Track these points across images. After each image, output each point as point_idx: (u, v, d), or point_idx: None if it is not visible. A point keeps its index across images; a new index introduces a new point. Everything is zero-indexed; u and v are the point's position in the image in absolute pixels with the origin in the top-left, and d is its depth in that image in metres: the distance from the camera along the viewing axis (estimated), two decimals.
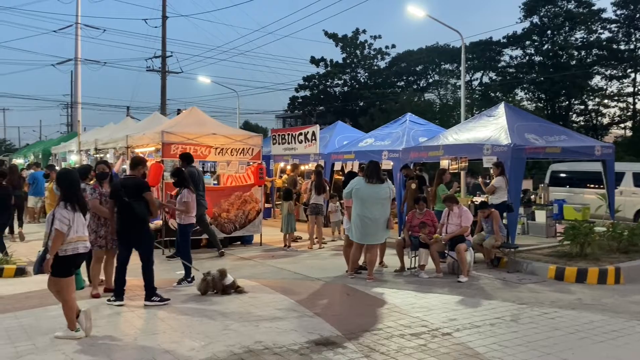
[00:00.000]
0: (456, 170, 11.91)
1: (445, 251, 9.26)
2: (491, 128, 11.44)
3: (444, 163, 11.80)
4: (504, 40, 37.95)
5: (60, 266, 5.53)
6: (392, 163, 13.31)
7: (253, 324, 6.16)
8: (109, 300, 7.02)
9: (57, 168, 16.55)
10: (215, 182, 14.59)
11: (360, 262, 9.08)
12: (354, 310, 6.98)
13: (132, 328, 6.03)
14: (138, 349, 5.34)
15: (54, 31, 71.17)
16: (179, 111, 31.30)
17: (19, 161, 25.72)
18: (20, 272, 8.78)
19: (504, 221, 10.18)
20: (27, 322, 6.15)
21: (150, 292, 7.05)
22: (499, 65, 39.38)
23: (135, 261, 7.17)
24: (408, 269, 9.34)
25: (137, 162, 7.51)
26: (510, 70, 38.58)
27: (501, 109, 12.11)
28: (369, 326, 6.15)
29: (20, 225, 13.97)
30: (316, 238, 12.06)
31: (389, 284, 8.48)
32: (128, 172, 7.60)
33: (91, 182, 7.81)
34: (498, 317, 6.50)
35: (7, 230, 11.72)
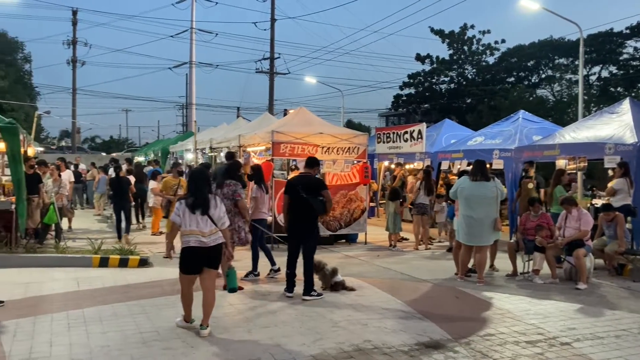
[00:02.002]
0: (574, 171, 11.24)
1: (562, 256, 8.77)
2: (614, 126, 10.67)
3: (561, 163, 11.17)
4: (627, 32, 35.25)
5: (180, 258, 5.84)
6: (503, 162, 12.80)
7: (361, 323, 6.18)
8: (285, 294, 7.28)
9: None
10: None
11: (470, 264, 8.83)
12: (464, 313, 6.80)
13: (245, 320, 6.25)
14: (252, 342, 5.53)
15: (171, 36, 75.71)
16: (285, 111, 32.14)
17: (140, 159, 27.56)
18: (143, 262, 9.39)
19: (628, 226, 9.46)
20: (151, 310, 6.57)
21: (310, 286, 7.31)
22: (621, 58, 36.64)
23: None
24: (521, 273, 8.95)
25: (314, 162, 7.82)
26: (634, 63, 35.77)
27: (625, 105, 11.26)
28: (480, 331, 5.97)
29: (143, 217, 15.01)
30: (422, 240, 11.88)
31: (501, 288, 8.17)
32: (303, 170, 7.86)
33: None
34: (624, 329, 6.05)
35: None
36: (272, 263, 8.60)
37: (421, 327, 6.06)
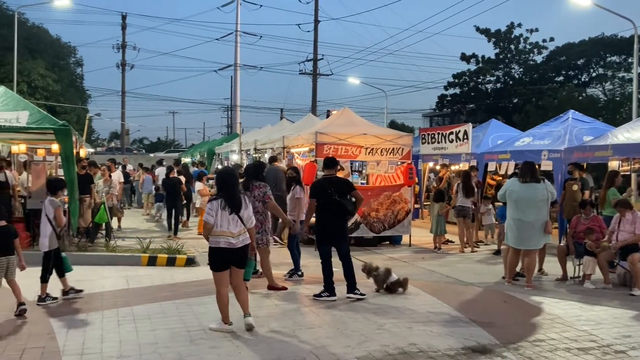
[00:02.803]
0: (628, 172, 10.84)
1: (615, 261, 8.47)
2: None
3: (614, 164, 10.80)
4: None
5: (209, 258, 5.92)
6: (552, 164, 12.46)
7: (406, 326, 6.12)
8: (317, 295, 7.25)
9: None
10: (364, 181, 14.75)
11: (518, 268, 8.63)
12: (512, 318, 6.65)
13: (290, 321, 6.28)
14: (296, 342, 5.55)
15: (216, 39, 76.89)
16: (328, 112, 32.20)
17: (186, 160, 28.10)
18: (190, 261, 9.56)
19: None
20: (197, 309, 6.67)
21: (353, 285, 7.32)
22: None
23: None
24: (571, 277, 8.70)
25: (334, 162, 7.87)
26: None
27: None
28: (529, 336, 5.82)
29: (188, 217, 15.32)
30: (466, 242, 11.68)
31: (550, 292, 7.96)
32: (324, 172, 7.87)
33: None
34: None
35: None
36: (298, 268, 8.60)
37: (468, 331, 5.95)
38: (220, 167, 21.16)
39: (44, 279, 6.94)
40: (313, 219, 7.73)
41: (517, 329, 6.10)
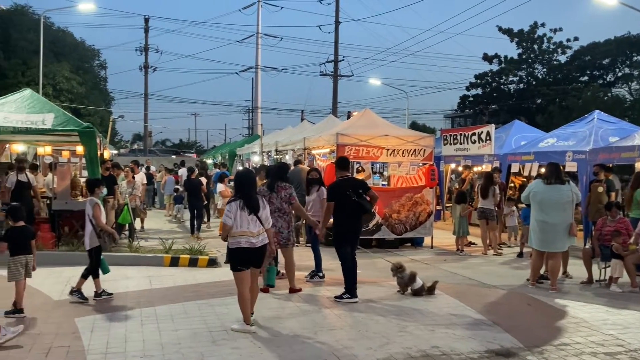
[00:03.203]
0: None
1: None
2: None
3: None
4: None
5: (229, 259, 6.06)
6: (576, 165, 12.28)
7: (429, 328, 6.07)
8: (338, 297, 7.25)
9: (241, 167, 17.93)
10: (385, 182, 14.69)
11: (542, 271, 8.51)
12: (536, 321, 6.56)
13: (311, 322, 6.27)
14: (318, 344, 5.54)
15: (238, 41, 76.97)
16: (349, 114, 32.15)
17: (208, 161, 28.30)
18: (212, 262, 9.61)
19: None
20: (219, 310, 6.70)
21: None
22: None
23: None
24: (596, 281, 8.54)
25: (347, 162, 8.03)
26: None
27: None
28: (554, 340, 5.74)
29: (208, 218, 15.42)
30: (489, 245, 11.54)
31: (575, 296, 7.82)
32: (338, 173, 7.81)
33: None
34: None
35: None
36: (320, 269, 8.58)
37: (491, 334, 5.88)
38: (241, 168, 21.30)
39: (95, 275, 7.18)
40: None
41: (541, 333, 6.02)
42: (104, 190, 9.51)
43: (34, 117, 10.02)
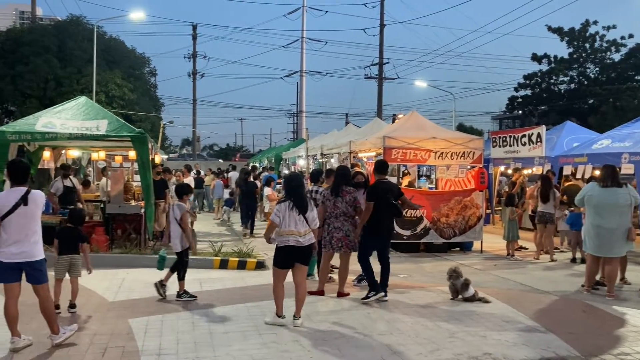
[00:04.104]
0: None
1: None
2: None
3: None
4: None
5: (275, 255, 6.37)
6: (633, 167, 11.82)
7: (480, 334, 5.95)
8: (364, 298, 7.30)
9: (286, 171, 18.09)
10: (432, 186, 14.51)
11: (598, 277, 8.23)
12: (592, 329, 6.34)
13: (360, 327, 6.24)
14: (367, 349, 5.51)
15: (283, 46, 77.88)
16: (394, 116, 31.95)
17: (256, 165, 28.64)
18: (260, 265, 9.70)
19: None
20: (268, 312, 6.70)
21: (385, 287, 7.48)
22: None
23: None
24: None
25: (386, 166, 8.24)
26: None
27: None
28: (613, 349, 5.54)
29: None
30: (542, 249, 11.23)
31: (634, 303, 7.53)
32: (377, 176, 7.88)
33: (322, 185, 8.31)
34: None
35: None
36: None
37: (545, 342, 5.72)
38: (287, 172, 21.47)
39: (180, 277, 7.43)
40: None
41: (598, 341, 5.82)
42: (191, 197, 9.97)
43: (88, 124, 10.35)
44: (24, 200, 5.27)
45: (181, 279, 7.43)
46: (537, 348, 5.51)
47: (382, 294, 7.34)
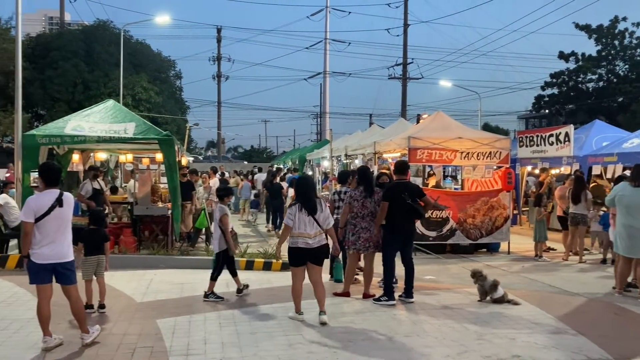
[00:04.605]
0: None
1: None
2: None
3: None
4: None
5: (288, 256, 6.54)
6: None
7: (508, 337, 5.88)
8: (376, 299, 7.32)
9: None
10: (458, 186, 14.38)
11: (630, 278, 8.06)
12: (625, 332, 6.22)
13: (386, 328, 6.21)
14: (394, 350, 5.49)
15: (306, 48, 78.06)
16: (418, 116, 31.76)
17: (280, 167, 28.76)
18: (285, 266, 9.67)
19: None
20: (292, 309, 6.74)
21: (410, 291, 7.43)
22: None
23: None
24: None
25: (406, 166, 8.20)
26: None
27: None
28: None
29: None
30: (571, 250, 11.03)
31: None
32: (396, 176, 7.85)
33: (350, 186, 8.30)
34: None
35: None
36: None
37: (576, 344, 5.62)
38: (310, 173, 21.53)
39: (213, 277, 7.55)
40: None
41: (632, 344, 5.70)
42: (232, 199, 10.18)
43: (116, 127, 10.50)
44: (59, 202, 5.39)
45: (213, 279, 7.51)
46: (567, 351, 5.42)
47: (394, 302, 7.26)
